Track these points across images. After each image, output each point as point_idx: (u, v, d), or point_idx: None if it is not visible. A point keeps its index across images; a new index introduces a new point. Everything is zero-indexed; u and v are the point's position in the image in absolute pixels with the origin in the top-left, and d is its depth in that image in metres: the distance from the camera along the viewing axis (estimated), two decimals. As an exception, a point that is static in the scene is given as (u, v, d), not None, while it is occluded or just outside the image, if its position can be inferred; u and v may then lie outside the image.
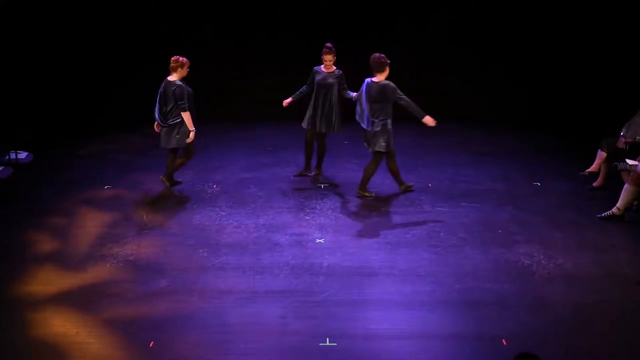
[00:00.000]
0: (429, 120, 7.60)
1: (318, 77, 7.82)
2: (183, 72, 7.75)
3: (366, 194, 7.79)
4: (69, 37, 10.79)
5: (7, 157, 8.93)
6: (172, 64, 7.73)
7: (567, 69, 10.78)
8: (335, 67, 7.82)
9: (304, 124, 8.06)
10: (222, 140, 10.20)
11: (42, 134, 10.20)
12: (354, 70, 8.21)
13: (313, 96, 7.92)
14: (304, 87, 8.04)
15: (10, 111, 9.85)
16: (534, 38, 10.80)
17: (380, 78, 7.38)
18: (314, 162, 8.42)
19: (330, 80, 7.75)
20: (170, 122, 7.69)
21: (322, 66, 7.85)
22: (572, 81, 10.75)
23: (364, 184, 7.81)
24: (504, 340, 5.12)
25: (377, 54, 7.40)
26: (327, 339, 5.14)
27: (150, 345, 5.09)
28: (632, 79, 9.97)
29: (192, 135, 7.73)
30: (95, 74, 11.06)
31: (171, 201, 7.81)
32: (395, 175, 7.88)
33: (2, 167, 8.73)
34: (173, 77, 7.73)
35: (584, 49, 10.64)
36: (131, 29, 10.86)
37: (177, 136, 7.75)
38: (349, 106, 7.96)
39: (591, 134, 8.78)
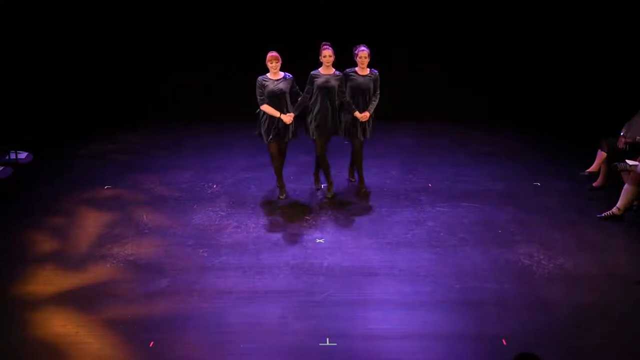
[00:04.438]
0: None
1: (319, 81, 7.37)
2: (268, 66, 7.39)
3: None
4: (69, 37, 10.80)
5: (7, 157, 8.93)
6: None
7: (567, 69, 10.80)
8: (334, 69, 7.43)
9: (313, 135, 7.58)
10: (222, 140, 10.20)
11: (42, 134, 10.21)
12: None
13: (316, 102, 7.45)
14: (301, 97, 7.48)
15: (11, 111, 9.86)
16: (535, 38, 10.80)
17: None
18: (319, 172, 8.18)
19: (333, 82, 7.36)
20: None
21: (320, 69, 7.42)
22: (572, 81, 10.76)
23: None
24: (504, 340, 5.12)
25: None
26: (327, 339, 5.14)
27: (150, 345, 5.09)
28: (632, 79, 9.98)
29: (285, 118, 7.37)
30: (95, 74, 11.08)
31: (171, 201, 7.81)
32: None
33: (2, 167, 8.73)
34: None
35: (584, 50, 10.65)
36: (131, 29, 10.87)
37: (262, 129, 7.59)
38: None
39: (591, 134, 8.78)
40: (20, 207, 7.70)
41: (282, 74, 7.39)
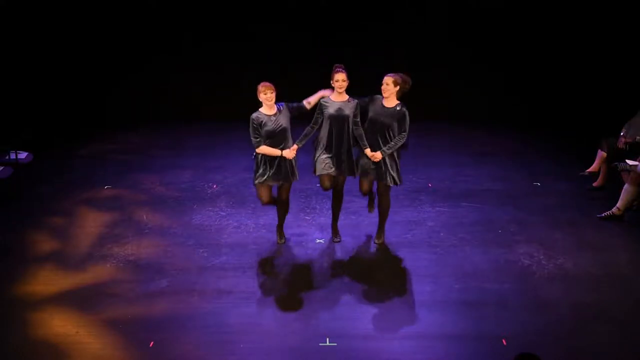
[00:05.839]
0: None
1: (330, 110, 6.23)
2: (260, 98, 6.26)
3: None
4: (69, 37, 10.79)
5: (7, 157, 8.93)
6: None
7: (567, 69, 10.79)
8: (347, 95, 6.31)
9: (320, 171, 6.40)
10: (222, 140, 10.20)
11: (42, 134, 10.21)
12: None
13: (325, 134, 6.32)
14: (308, 127, 6.37)
15: (11, 111, 9.85)
16: (535, 38, 10.80)
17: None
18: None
19: (346, 111, 6.23)
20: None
21: (331, 95, 6.30)
22: (572, 81, 10.75)
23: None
24: (504, 340, 5.12)
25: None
26: (327, 339, 5.14)
27: (150, 345, 5.09)
28: (632, 79, 9.97)
29: (287, 154, 6.25)
30: (95, 74, 11.07)
31: (171, 201, 7.81)
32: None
33: (2, 167, 8.73)
34: None
35: (584, 49, 10.64)
36: (131, 29, 10.87)
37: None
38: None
39: (591, 134, 8.78)
40: (20, 207, 7.69)
41: (275, 106, 6.28)
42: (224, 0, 10.79)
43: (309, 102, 6.36)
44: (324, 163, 6.34)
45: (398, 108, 6.31)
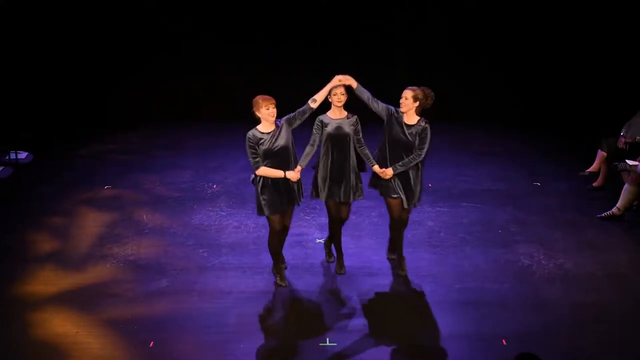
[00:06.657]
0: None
1: (329, 128, 5.71)
2: (258, 115, 5.57)
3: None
4: (69, 37, 10.80)
5: (7, 157, 8.94)
6: None
7: (567, 69, 10.80)
8: (346, 111, 5.80)
9: (322, 196, 5.91)
10: (222, 140, 10.20)
11: (42, 133, 10.21)
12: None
13: (324, 154, 5.81)
14: (308, 146, 5.77)
15: (11, 111, 9.86)
16: (534, 38, 10.80)
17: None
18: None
19: (346, 128, 5.73)
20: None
21: (329, 112, 5.78)
22: (572, 81, 10.76)
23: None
24: (504, 340, 5.12)
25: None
26: (327, 339, 5.14)
27: (150, 345, 5.09)
28: (632, 79, 9.98)
29: (291, 176, 5.63)
30: (95, 74, 11.08)
31: (171, 201, 7.81)
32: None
33: (2, 167, 8.73)
34: None
35: (583, 49, 10.65)
36: (131, 29, 10.87)
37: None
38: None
39: (591, 134, 8.78)
40: (20, 207, 7.70)
41: (275, 122, 5.60)
42: (224, 1, 10.80)
43: (315, 99, 5.61)
44: (326, 188, 5.86)
45: (422, 124, 5.80)
